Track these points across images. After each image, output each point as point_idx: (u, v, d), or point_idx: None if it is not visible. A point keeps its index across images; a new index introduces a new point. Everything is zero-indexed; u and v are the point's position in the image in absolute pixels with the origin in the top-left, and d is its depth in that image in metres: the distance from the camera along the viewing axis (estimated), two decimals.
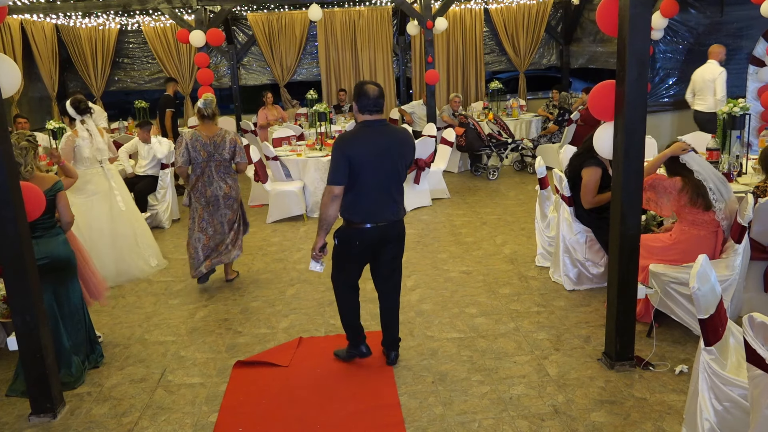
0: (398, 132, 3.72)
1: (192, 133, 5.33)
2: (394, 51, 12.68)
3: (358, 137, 3.59)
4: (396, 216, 3.72)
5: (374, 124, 3.62)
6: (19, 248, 3.40)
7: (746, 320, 2.25)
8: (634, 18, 3.33)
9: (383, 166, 3.57)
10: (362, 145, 3.55)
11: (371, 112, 3.60)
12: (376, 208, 3.62)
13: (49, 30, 11.15)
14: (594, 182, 4.81)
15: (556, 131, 9.93)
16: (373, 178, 3.56)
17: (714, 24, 9.62)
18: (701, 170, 3.93)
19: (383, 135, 3.61)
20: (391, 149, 3.60)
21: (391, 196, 3.66)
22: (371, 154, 3.53)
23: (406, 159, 3.70)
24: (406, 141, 3.72)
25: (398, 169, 3.65)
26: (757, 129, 6.92)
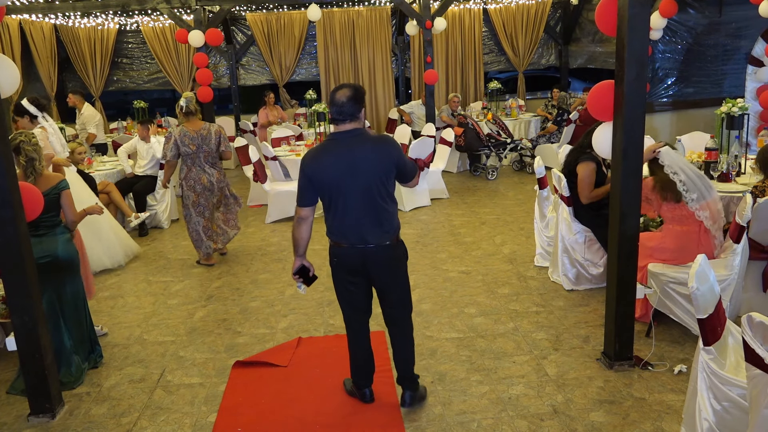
0: (370, 141, 3.19)
1: (180, 130, 5.90)
2: (393, 51, 12.67)
3: (321, 153, 3.17)
4: (378, 240, 3.20)
5: (341, 136, 3.15)
6: (18, 248, 3.40)
7: (745, 320, 2.26)
8: (633, 18, 3.34)
9: (354, 183, 3.11)
10: (325, 163, 3.12)
11: (337, 121, 3.15)
12: (352, 229, 3.19)
13: (47, 30, 11.14)
14: (589, 176, 4.88)
15: (555, 131, 9.94)
16: (343, 197, 3.14)
17: (713, 24, 9.63)
18: (672, 164, 3.98)
19: (351, 147, 3.12)
20: (362, 163, 3.10)
21: (369, 217, 3.17)
22: (338, 172, 3.10)
23: (383, 171, 3.15)
24: (382, 149, 3.17)
25: (373, 184, 3.13)
26: (755, 129, 6.93)
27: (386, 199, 3.19)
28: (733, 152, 5.27)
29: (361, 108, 3.17)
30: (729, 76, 9.94)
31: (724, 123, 5.36)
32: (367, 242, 3.19)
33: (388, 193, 3.21)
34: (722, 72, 10.00)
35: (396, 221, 3.29)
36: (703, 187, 3.98)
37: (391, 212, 3.24)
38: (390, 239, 3.25)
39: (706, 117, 8.99)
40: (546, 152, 9.34)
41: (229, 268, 6.08)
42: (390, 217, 3.23)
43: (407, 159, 3.29)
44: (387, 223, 3.22)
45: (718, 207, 4.07)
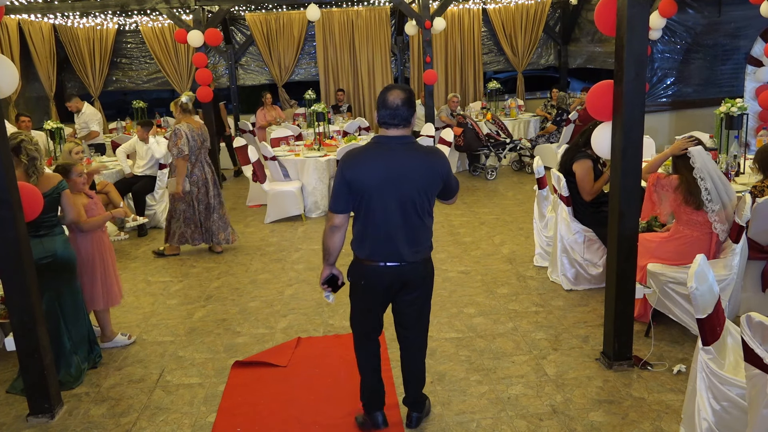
0: (423, 153, 2.95)
1: (187, 126, 6.06)
2: (393, 51, 12.67)
3: (364, 157, 2.90)
4: (414, 256, 2.97)
5: (390, 141, 2.90)
6: (17, 248, 3.39)
7: (744, 320, 2.26)
8: (632, 18, 3.34)
9: (397, 194, 2.86)
10: (367, 167, 2.86)
11: (387, 125, 2.89)
12: (386, 244, 2.93)
13: (46, 30, 11.13)
14: (588, 174, 4.92)
15: (554, 131, 9.95)
16: (382, 208, 2.88)
17: (712, 24, 9.64)
18: (703, 168, 3.86)
19: (399, 156, 2.87)
20: (409, 174, 2.86)
21: (407, 232, 2.93)
22: (379, 179, 2.85)
23: (429, 184, 2.92)
24: (434, 165, 2.92)
25: (418, 199, 2.90)
26: (754, 129, 6.93)
27: (425, 213, 2.96)
28: (732, 152, 5.28)
29: (414, 113, 2.91)
30: (728, 76, 9.95)
31: (723, 123, 5.37)
32: (402, 259, 2.94)
33: (429, 207, 2.98)
34: (721, 72, 10.00)
35: (431, 237, 3.07)
36: (726, 198, 3.89)
37: (427, 227, 3.01)
38: (422, 255, 3.03)
39: (705, 117, 8.99)
40: (545, 152, 9.34)
41: (228, 269, 6.08)
42: (426, 232, 3.01)
43: (453, 175, 3.06)
44: (422, 238, 3.00)
45: (731, 212, 3.99)
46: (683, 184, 3.98)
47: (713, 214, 3.91)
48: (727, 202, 3.92)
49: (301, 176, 7.78)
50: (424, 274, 3.08)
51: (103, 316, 4.46)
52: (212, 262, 6.28)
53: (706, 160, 3.89)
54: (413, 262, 2.98)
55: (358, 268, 3.04)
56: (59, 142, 7.73)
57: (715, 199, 3.88)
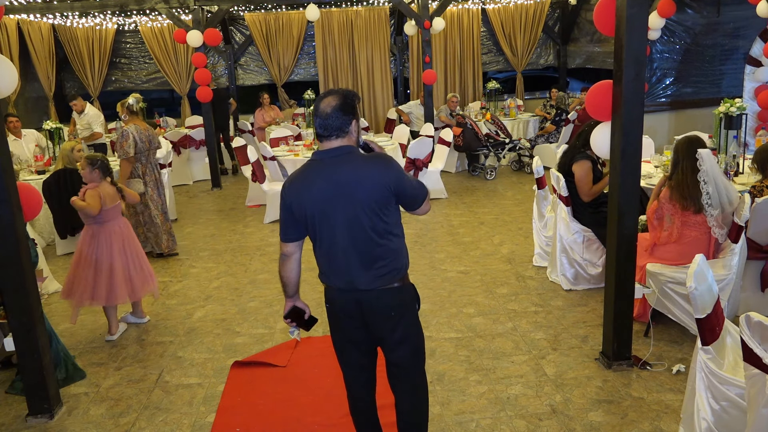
0: (360, 162, 2.54)
1: (135, 128, 6.04)
2: (392, 51, 12.68)
3: (302, 178, 2.56)
4: (370, 283, 2.56)
5: (325, 156, 2.52)
6: (17, 249, 3.39)
7: (743, 319, 2.26)
8: (631, 18, 3.34)
9: (340, 213, 2.51)
10: (305, 189, 2.53)
11: (320, 137, 2.53)
12: (341, 269, 2.58)
13: (45, 30, 11.13)
14: (586, 175, 4.93)
15: (553, 131, 9.95)
16: (328, 232, 2.54)
17: (711, 24, 9.64)
18: (709, 171, 3.82)
19: (337, 171, 2.50)
20: (349, 191, 2.48)
21: (360, 256, 2.54)
22: (319, 201, 2.51)
23: (376, 198, 2.50)
24: (374, 172, 2.51)
25: (366, 217, 2.50)
26: (753, 129, 6.94)
27: (382, 232, 2.54)
28: (731, 152, 5.28)
29: (352, 120, 2.52)
30: (727, 76, 9.95)
31: (723, 123, 5.37)
32: (361, 286, 2.56)
33: (385, 224, 2.54)
34: (720, 72, 10.01)
35: (398, 260, 2.61)
36: (726, 203, 3.87)
37: (389, 248, 2.57)
38: (388, 282, 2.58)
39: (705, 117, 9.00)
40: (544, 152, 9.34)
41: (227, 269, 6.08)
42: (387, 254, 2.57)
43: (410, 182, 2.61)
44: (382, 261, 2.56)
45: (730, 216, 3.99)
46: (676, 191, 3.95)
47: (712, 219, 3.89)
48: (727, 207, 3.89)
49: None
50: (391, 305, 2.60)
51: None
52: (211, 263, 6.28)
53: (714, 164, 3.84)
54: (374, 289, 2.56)
55: (325, 292, 2.74)
56: (58, 142, 7.72)
57: (715, 204, 3.85)
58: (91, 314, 5.08)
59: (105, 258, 4.47)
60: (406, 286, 2.67)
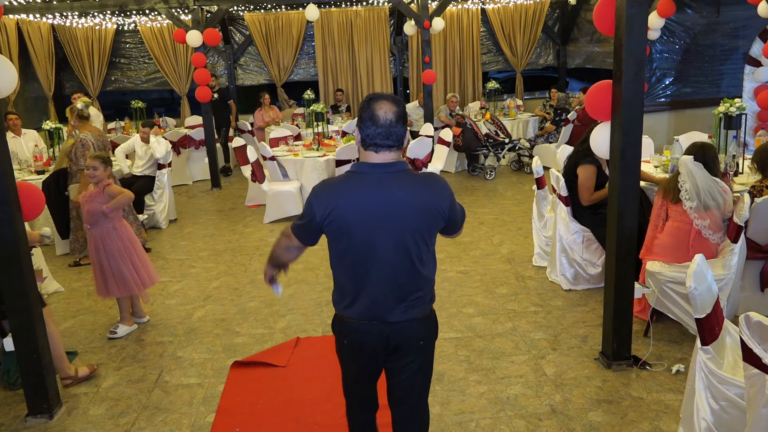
0: (420, 184, 2.26)
1: (92, 135, 6.03)
2: (391, 51, 12.68)
3: (341, 190, 2.24)
4: (405, 314, 2.33)
5: (376, 170, 2.22)
6: (16, 249, 3.39)
7: (743, 319, 2.26)
8: (631, 18, 3.34)
9: (384, 239, 2.22)
10: (345, 205, 2.20)
11: (378, 146, 2.20)
12: (368, 300, 2.31)
13: (45, 30, 11.12)
14: (589, 180, 4.91)
15: (553, 131, 9.96)
16: (363, 256, 2.26)
17: (710, 24, 9.65)
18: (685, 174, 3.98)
19: (388, 189, 2.20)
20: (401, 213, 2.20)
21: (397, 285, 2.29)
22: (360, 221, 2.21)
23: (428, 224, 2.27)
24: (433, 199, 2.26)
25: (412, 243, 2.25)
26: (753, 129, 6.94)
27: (423, 261, 2.31)
28: (731, 152, 5.28)
29: (407, 130, 2.28)
30: (727, 76, 9.95)
31: (722, 123, 5.37)
32: (391, 318, 2.32)
33: (429, 252, 2.33)
34: (720, 72, 10.01)
35: (432, 288, 2.42)
36: (710, 200, 3.95)
37: (427, 278, 2.36)
38: (422, 311, 2.38)
39: (704, 117, 9.00)
40: (544, 152, 9.34)
41: (227, 269, 6.08)
42: (426, 284, 2.36)
43: (459, 205, 2.39)
44: (420, 292, 2.34)
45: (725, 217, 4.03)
46: (663, 185, 4.18)
47: (691, 211, 3.99)
48: (709, 202, 3.95)
49: (300, 176, 7.78)
50: (422, 336, 2.40)
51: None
52: (211, 263, 6.28)
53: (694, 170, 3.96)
54: (405, 321, 2.34)
55: (338, 323, 2.43)
56: (57, 142, 7.72)
57: (692, 197, 3.97)
58: (91, 314, 5.08)
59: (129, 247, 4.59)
60: (432, 313, 2.47)
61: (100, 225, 4.49)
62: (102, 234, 4.49)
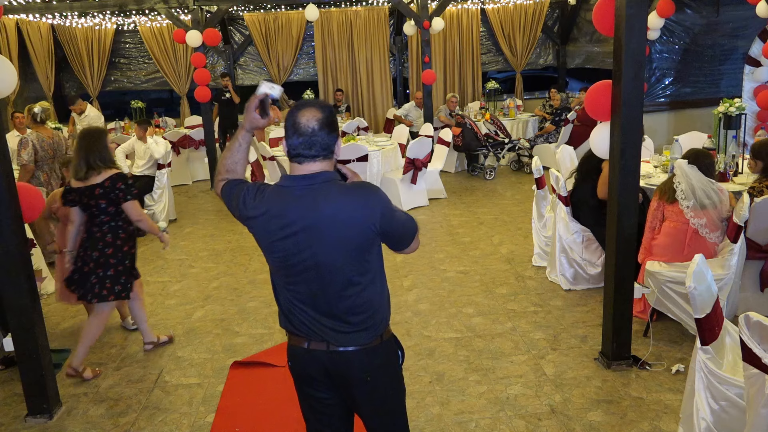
0: (342, 194, 2.02)
1: (36, 135, 6.14)
2: (391, 51, 12.68)
3: (266, 202, 2.06)
4: (344, 340, 2.09)
5: (298, 182, 2.04)
6: (15, 248, 3.39)
7: (742, 319, 2.26)
8: (631, 18, 3.34)
9: (311, 256, 2.03)
10: (270, 219, 2.04)
11: (301, 157, 2.03)
12: (306, 322, 2.11)
13: (45, 30, 11.12)
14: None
15: (552, 131, 9.96)
16: (294, 274, 2.07)
17: (710, 24, 9.65)
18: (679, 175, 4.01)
19: (312, 202, 2.00)
20: (326, 227, 2.00)
21: (332, 307, 2.08)
22: (286, 237, 2.02)
23: (359, 240, 2.03)
24: (358, 207, 2.01)
25: (342, 259, 2.03)
26: (752, 129, 6.94)
27: (361, 279, 2.08)
28: (730, 152, 5.28)
29: (337, 138, 2.08)
30: (726, 76, 9.96)
31: (722, 123, 5.38)
32: (328, 344, 2.09)
33: (366, 270, 2.09)
34: (719, 72, 10.02)
35: (379, 312, 2.14)
36: (705, 198, 3.97)
37: (368, 299, 2.10)
38: (366, 339, 2.11)
39: (704, 117, 9.01)
40: (544, 152, 9.34)
41: (226, 269, 6.08)
42: (366, 306, 2.10)
43: (399, 217, 2.09)
44: (359, 316, 2.09)
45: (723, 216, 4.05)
46: (660, 187, 4.20)
47: (688, 210, 3.99)
48: (705, 201, 3.97)
49: None
50: (368, 368, 2.11)
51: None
52: (211, 263, 6.28)
53: (689, 172, 3.98)
54: (346, 350, 2.09)
55: (288, 346, 2.24)
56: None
57: (688, 197, 3.98)
58: None
59: None
60: (385, 343, 2.17)
61: None
62: None
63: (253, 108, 2.17)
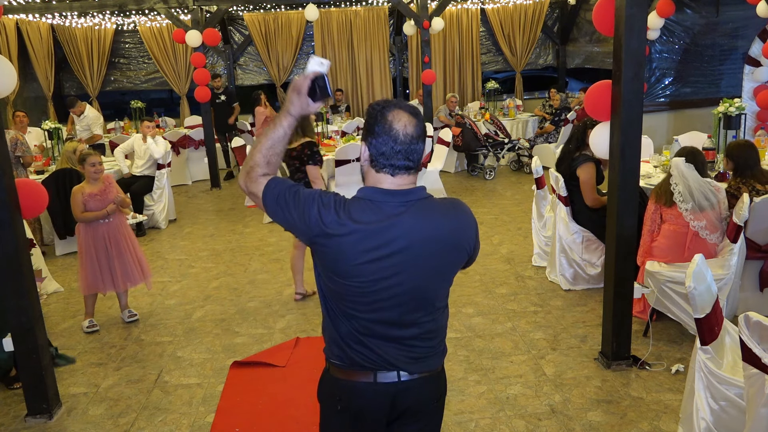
0: (440, 212, 1.82)
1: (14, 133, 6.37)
2: (391, 51, 12.68)
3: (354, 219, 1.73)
4: (417, 367, 1.88)
5: (391, 198, 1.77)
6: (15, 249, 3.39)
7: (742, 319, 2.26)
8: (630, 18, 3.34)
9: (400, 281, 1.77)
10: (356, 235, 1.72)
11: (395, 168, 1.78)
12: (380, 354, 1.84)
13: (44, 30, 11.12)
14: (591, 178, 4.91)
15: (552, 131, 9.96)
16: (376, 300, 1.79)
17: (710, 24, 9.65)
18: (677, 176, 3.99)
19: (408, 221, 1.76)
20: (421, 248, 1.77)
21: (413, 336, 1.86)
22: (373, 259, 1.74)
23: (451, 263, 1.87)
24: (460, 232, 1.84)
25: (432, 285, 1.84)
26: (752, 129, 6.94)
27: (440, 305, 1.90)
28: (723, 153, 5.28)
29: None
30: (726, 76, 9.96)
31: (722, 123, 5.38)
32: (399, 374, 1.86)
33: (447, 293, 1.93)
34: (719, 72, 10.02)
35: (445, 335, 1.98)
36: (703, 200, 3.96)
37: (442, 325, 1.95)
38: (433, 366, 1.93)
39: (704, 117, 9.00)
40: (543, 152, 9.34)
41: (226, 269, 6.08)
42: (440, 332, 1.94)
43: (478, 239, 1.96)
44: (434, 341, 1.91)
45: (722, 216, 4.04)
46: (655, 190, 4.17)
47: (687, 213, 3.99)
48: (703, 203, 3.96)
49: None
50: (435, 395, 1.96)
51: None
52: (211, 263, 6.28)
53: (686, 172, 3.96)
54: (417, 377, 1.88)
55: (330, 383, 1.95)
56: (57, 142, 7.72)
57: (686, 199, 3.97)
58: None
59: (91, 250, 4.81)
60: (443, 372, 2.02)
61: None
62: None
63: (305, 90, 1.78)
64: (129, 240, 4.86)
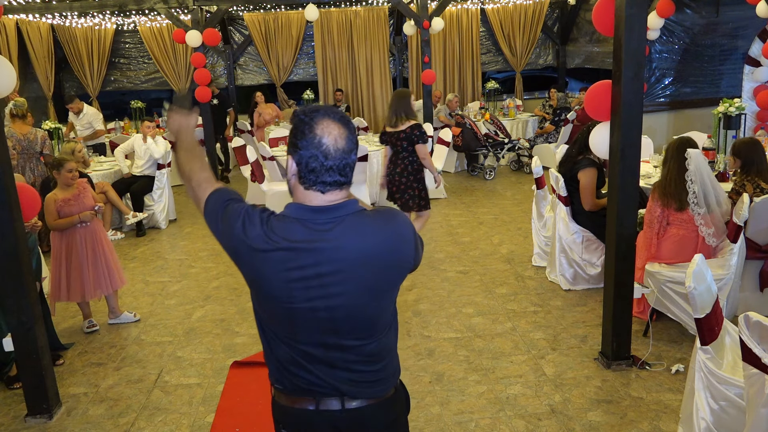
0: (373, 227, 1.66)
1: (7, 130, 6.27)
2: (391, 51, 12.68)
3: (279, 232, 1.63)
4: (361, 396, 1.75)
5: (321, 215, 1.64)
6: (15, 249, 3.39)
7: (742, 319, 2.26)
8: (630, 18, 3.34)
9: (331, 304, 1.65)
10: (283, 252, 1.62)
11: (325, 185, 1.64)
12: (318, 379, 1.73)
13: (44, 30, 11.11)
14: (591, 183, 4.87)
15: (552, 131, 9.96)
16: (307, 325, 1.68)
17: (710, 24, 9.66)
18: (696, 171, 3.87)
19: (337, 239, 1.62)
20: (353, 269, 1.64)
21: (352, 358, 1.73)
22: (301, 282, 1.63)
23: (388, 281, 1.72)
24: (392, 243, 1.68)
25: (369, 303, 1.70)
26: (752, 129, 6.95)
27: (384, 323, 1.77)
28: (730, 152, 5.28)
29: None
30: (726, 76, 9.96)
31: (721, 123, 5.38)
32: (344, 399, 1.74)
33: (390, 311, 1.79)
34: (719, 72, 10.02)
35: (396, 358, 1.85)
36: (714, 204, 3.90)
37: (388, 345, 1.80)
38: (383, 391, 1.79)
39: (704, 117, 9.01)
40: (543, 152, 9.34)
41: (226, 269, 6.08)
42: (386, 353, 1.79)
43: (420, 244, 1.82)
44: (379, 364, 1.77)
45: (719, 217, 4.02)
46: (658, 189, 4.04)
47: (699, 217, 3.92)
48: (714, 207, 3.93)
49: None
50: (384, 422, 1.81)
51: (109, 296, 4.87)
52: (211, 263, 6.28)
53: (702, 164, 3.89)
54: (363, 405, 1.75)
55: (275, 408, 1.87)
56: (57, 142, 7.72)
57: (701, 203, 3.90)
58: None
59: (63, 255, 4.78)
60: (399, 389, 1.87)
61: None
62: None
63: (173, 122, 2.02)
64: (105, 246, 4.75)
